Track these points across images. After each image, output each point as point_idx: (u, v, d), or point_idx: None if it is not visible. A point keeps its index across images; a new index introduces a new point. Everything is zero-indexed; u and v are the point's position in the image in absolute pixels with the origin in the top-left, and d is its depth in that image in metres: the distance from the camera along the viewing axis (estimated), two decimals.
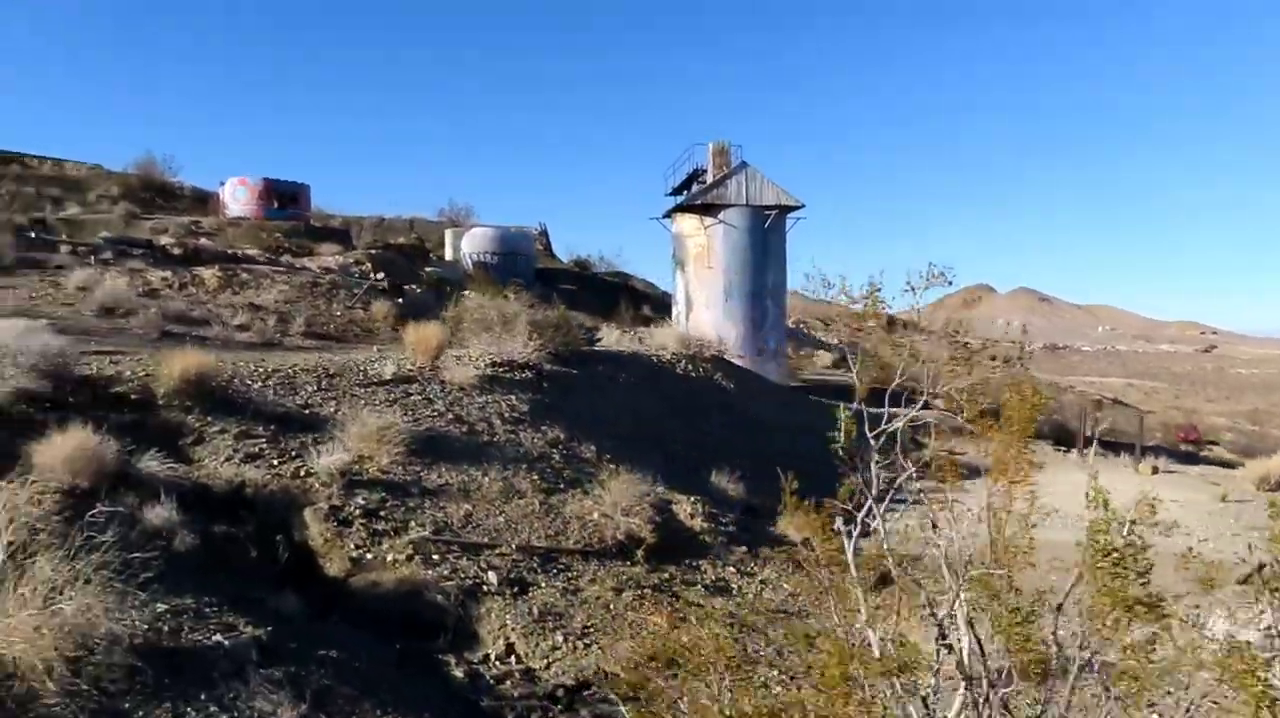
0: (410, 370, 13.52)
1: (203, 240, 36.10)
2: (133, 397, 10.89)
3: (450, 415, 12.22)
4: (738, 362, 25.59)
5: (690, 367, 19.36)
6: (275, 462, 10.01)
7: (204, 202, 48.96)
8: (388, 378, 13.08)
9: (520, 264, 42.98)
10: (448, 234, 46.02)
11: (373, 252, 43.69)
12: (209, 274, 20.51)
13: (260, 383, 11.96)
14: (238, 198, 45.25)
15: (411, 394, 12.68)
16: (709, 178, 32.98)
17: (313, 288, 21.20)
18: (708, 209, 32.20)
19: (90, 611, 5.50)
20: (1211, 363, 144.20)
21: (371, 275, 35.08)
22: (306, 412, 11.48)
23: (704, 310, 32.42)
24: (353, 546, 8.70)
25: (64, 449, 8.52)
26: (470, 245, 43.17)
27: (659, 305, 49.99)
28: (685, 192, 34.61)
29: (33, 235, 27.82)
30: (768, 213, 32.16)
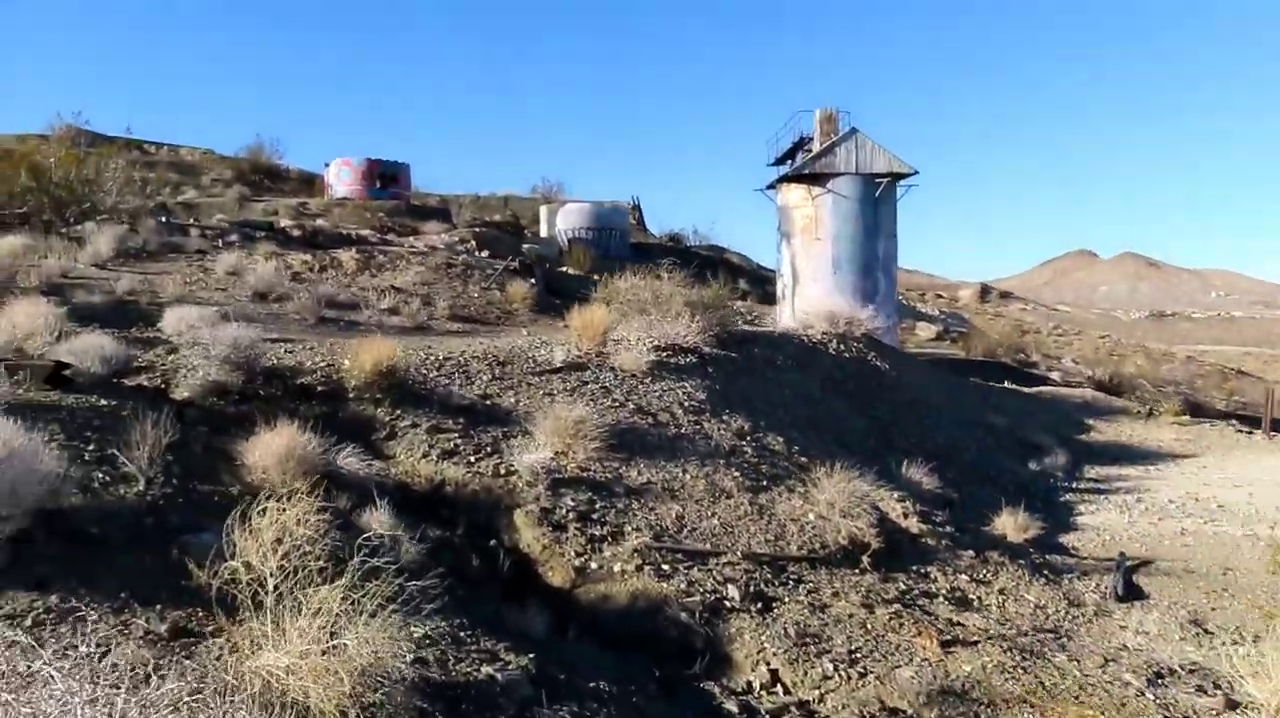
0: (579, 357, 12.90)
1: (319, 221, 36.52)
2: (318, 388, 10.49)
3: (631, 406, 11.56)
4: None
5: (842, 346, 18.41)
6: (472, 458, 9.47)
7: (309, 183, 49.75)
8: (558, 365, 12.48)
9: (615, 239, 42.60)
10: (542, 210, 45.82)
11: (476, 229, 43.74)
12: (346, 257, 20.28)
13: (435, 372, 11.47)
14: (342, 179, 45.90)
15: (587, 383, 12.06)
16: (815, 146, 31.79)
17: (447, 269, 20.81)
18: (816, 179, 31.11)
19: (371, 644, 4.97)
20: None
21: (477, 253, 34.98)
22: (488, 403, 10.94)
23: (811, 284, 31.40)
24: (573, 553, 8.09)
25: (275, 449, 8.10)
26: (565, 222, 42.95)
27: (755, 279, 48.96)
28: (789, 161, 33.55)
29: (164, 220, 28.28)
30: (879, 181, 30.99)
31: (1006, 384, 25.25)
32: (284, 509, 5.37)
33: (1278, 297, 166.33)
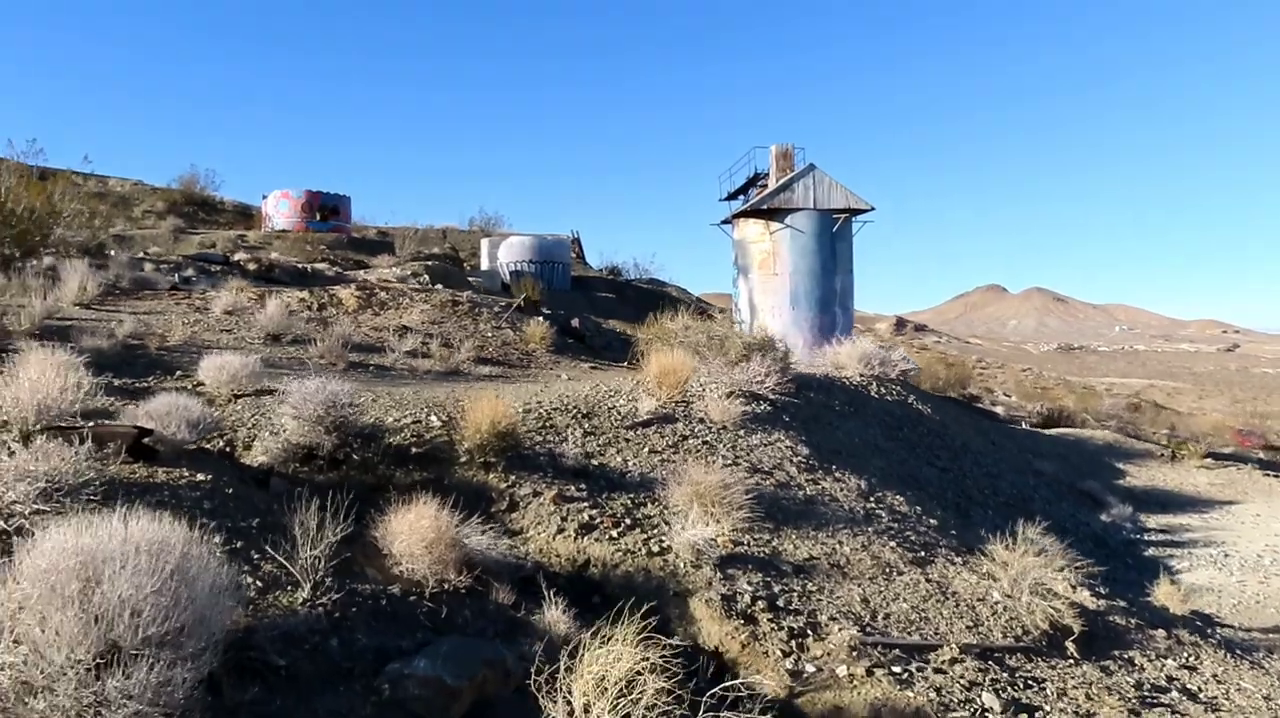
0: (664, 407, 11.73)
1: (275, 255, 34.57)
2: (412, 449, 9.08)
3: (745, 465, 10.43)
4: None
5: (883, 389, 17.59)
6: (614, 533, 8.20)
7: (246, 215, 47.58)
8: (646, 418, 11.29)
9: (557, 272, 41.86)
10: (484, 243, 44.69)
11: (429, 263, 42.27)
12: (346, 294, 18.67)
13: (524, 428, 10.16)
14: (281, 210, 44.18)
15: (685, 438, 10.88)
16: (771, 182, 31.85)
17: (453, 306, 19.35)
18: (773, 213, 31.27)
19: None
20: (1235, 362, 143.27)
21: (426, 283, 33.47)
22: (597, 463, 9.66)
23: (770, 318, 31.41)
24: (777, 652, 6.89)
25: (420, 532, 6.74)
26: (507, 254, 42.20)
27: (697, 312, 48.45)
28: (743, 196, 33.67)
29: (110, 254, 26.14)
30: (836, 217, 31.23)
31: (1022, 425, 24.83)
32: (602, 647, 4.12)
33: (1177, 331, 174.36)
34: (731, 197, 34.84)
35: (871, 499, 10.54)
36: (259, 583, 5.60)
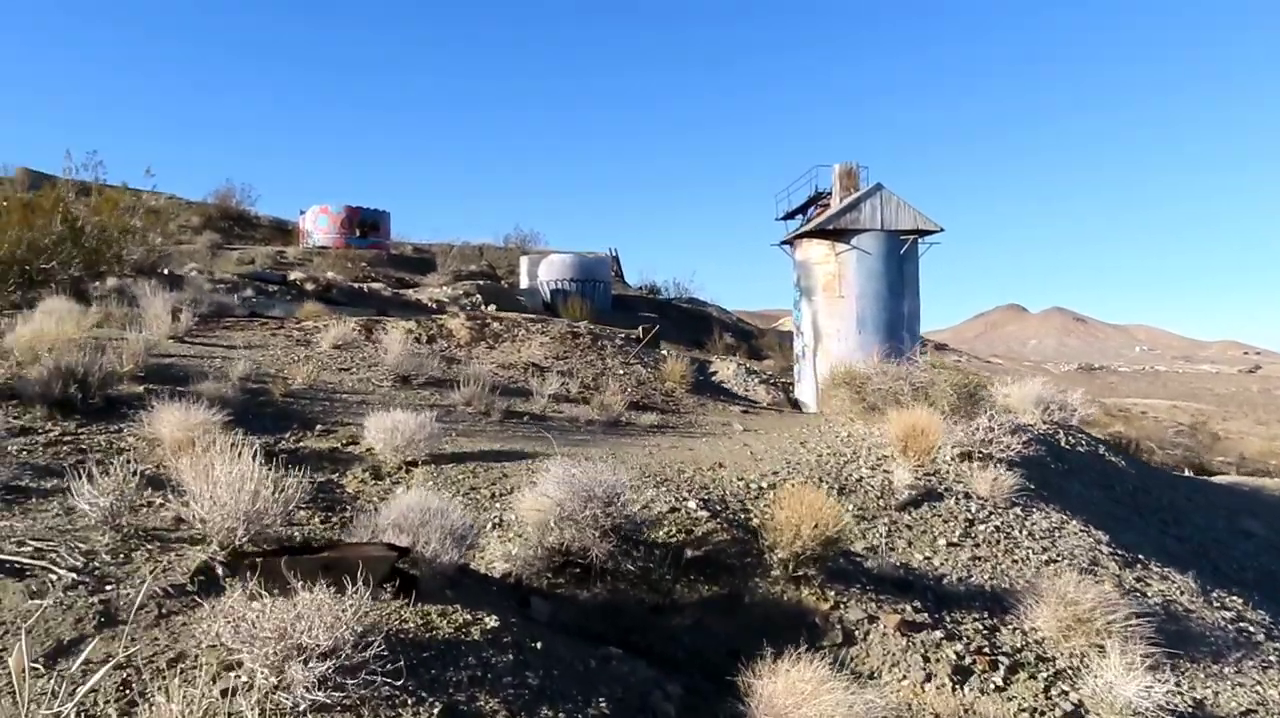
0: (922, 479, 9.58)
1: (330, 274, 32.65)
2: (686, 551, 6.90)
3: (1064, 561, 8.27)
4: None
5: (1071, 440, 15.43)
6: (998, 680, 6.05)
7: (283, 231, 45.68)
8: (907, 494, 9.13)
9: (599, 291, 40.29)
10: (523, 261, 42.94)
11: (479, 282, 40.45)
12: (456, 324, 16.51)
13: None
14: (319, 226, 42.58)
15: (974, 522, 8.73)
16: (834, 201, 30.11)
17: (573, 339, 17.20)
18: (839, 234, 29.36)
19: None
20: (1257, 384, 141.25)
21: (479, 303, 31.50)
22: (902, 570, 7.51)
23: (835, 342, 29.61)
24: None
25: (815, 702, 4.59)
26: (548, 273, 40.63)
27: (740, 333, 46.49)
28: (801, 215, 31.89)
29: (164, 273, 24.19)
30: (904, 238, 29.42)
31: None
32: None
33: (1198, 352, 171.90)
34: (789, 216, 33.17)
35: (1214, 601, 8.37)
36: None
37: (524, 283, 41.73)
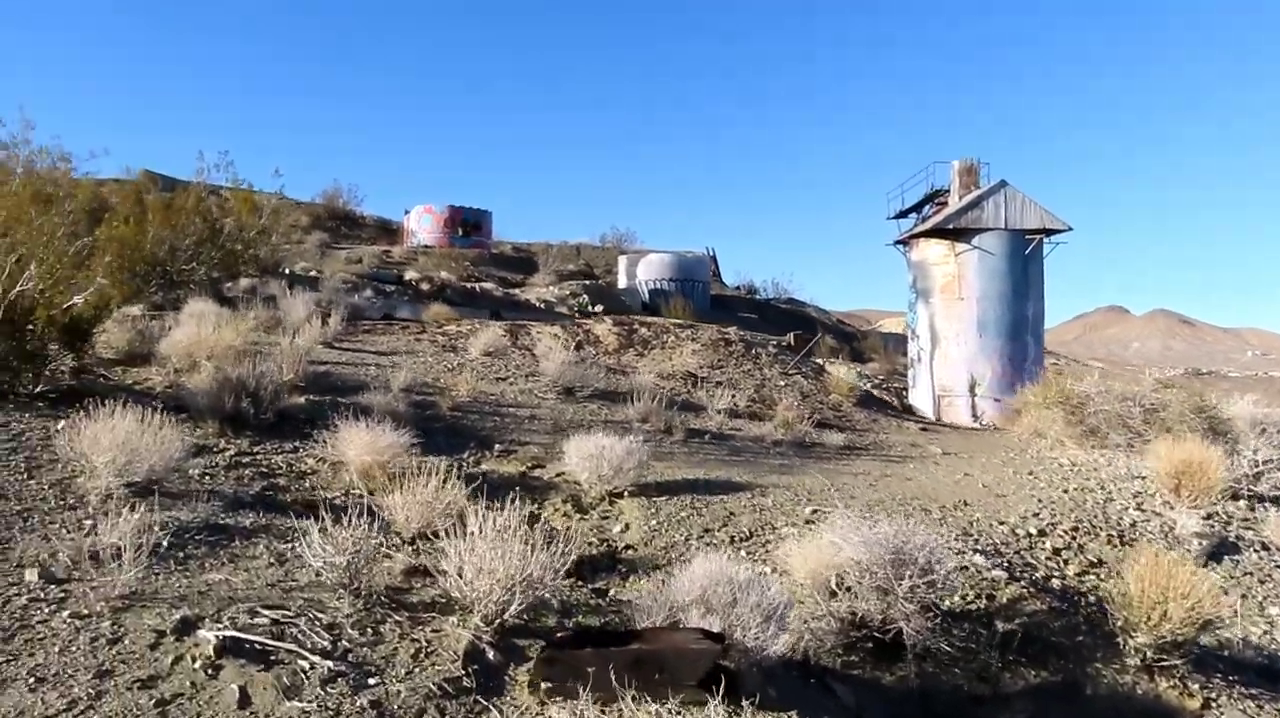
0: (1206, 525, 8.09)
1: (444, 275, 32.17)
2: (999, 624, 5.61)
3: None
4: (993, 406, 22.77)
5: None
6: None
7: (387, 230, 45.63)
8: (1195, 544, 7.66)
9: (698, 291, 39.06)
10: (621, 260, 41.94)
11: (586, 282, 39.64)
12: (603, 330, 15.47)
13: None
14: (424, 226, 42.54)
15: None
16: (953, 199, 28.18)
17: (725, 346, 16.00)
18: (959, 234, 27.47)
19: None
20: None
21: (586, 304, 30.60)
22: (1254, 651, 6.08)
23: (954, 347, 27.86)
24: None
25: None
26: (646, 272, 39.54)
27: (841, 334, 44.66)
28: (915, 214, 30.00)
29: (285, 272, 23.87)
30: (1030, 238, 27.37)
31: None
32: None
33: None
34: (902, 214, 31.44)
35: None
36: None
37: (622, 282, 40.92)
